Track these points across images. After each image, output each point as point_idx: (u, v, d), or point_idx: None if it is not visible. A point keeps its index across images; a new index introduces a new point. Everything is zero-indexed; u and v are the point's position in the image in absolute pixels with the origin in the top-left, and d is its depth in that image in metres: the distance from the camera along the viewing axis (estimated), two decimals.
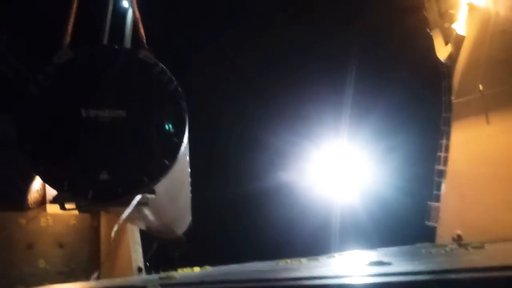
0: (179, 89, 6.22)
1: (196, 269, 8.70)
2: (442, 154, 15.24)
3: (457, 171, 14.40)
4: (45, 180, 5.86)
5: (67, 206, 6.13)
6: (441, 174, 15.09)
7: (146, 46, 6.46)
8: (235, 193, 21.70)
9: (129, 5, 14.16)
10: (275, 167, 23.11)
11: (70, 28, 6.39)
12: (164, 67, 6.22)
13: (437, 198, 14.94)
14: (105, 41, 13.54)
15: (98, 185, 5.75)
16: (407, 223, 18.04)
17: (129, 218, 9.71)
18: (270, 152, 23.36)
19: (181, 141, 6.06)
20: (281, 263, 7.35)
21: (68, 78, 6.02)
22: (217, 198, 21.11)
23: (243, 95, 23.73)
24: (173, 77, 6.25)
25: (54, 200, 5.91)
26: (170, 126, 6.09)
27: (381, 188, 20.41)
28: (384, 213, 20.82)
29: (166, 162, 5.95)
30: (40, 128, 5.82)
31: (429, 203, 15.12)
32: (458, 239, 11.48)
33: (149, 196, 6.02)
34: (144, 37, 6.60)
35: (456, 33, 14.91)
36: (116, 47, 6.70)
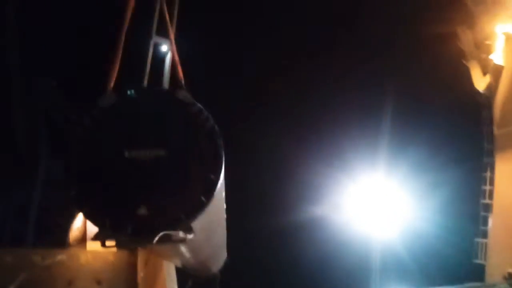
0: (216, 127, 6.40)
1: None
2: (487, 188, 14.67)
3: (505, 204, 13.73)
4: (89, 218, 6.08)
5: (107, 243, 6.29)
6: (488, 208, 14.45)
7: (184, 86, 6.76)
8: (269, 228, 21.42)
9: (168, 49, 14.90)
10: (309, 201, 22.74)
11: (114, 72, 6.80)
12: (201, 106, 6.45)
13: (485, 234, 14.23)
14: (145, 83, 14.26)
15: (136, 221, 5.90)
16: (453, 262, 17.12)
17: (165, 255, 9.80)
18: (304, 185, 23.09)
19: (217, 178, 6.16)
20: None
21: (112, 120, 6.34)
22: (251, 233, 20.92)
23: (276, 128, 23.86)
24: (210, 116, 6.45)
25: (96, 237, 6.09)
26: (207, 163, 6.24)
27: (423, 225, 19.56)
28: (428, 251, 19.85)
29: (203, 199, 6.03)
30: (85, 169, 6.11)
31: (476, 239, 14.41)
32: (510, 278, 10.77)
33: (187, 235, 6.11)
34: (182, 78, 6.91)
35: (494, 64, 14.65)
36: (156, 88, 7.06)
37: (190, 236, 6.03)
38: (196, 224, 6.14)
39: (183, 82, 6.86)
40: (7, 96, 20.82)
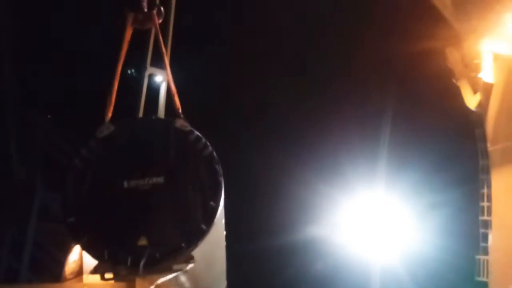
0: (214, 153, 6.43)
1: None
2: (485, 204, 14.64)
3: (503, 220, 13.71)
4: (87, 250, 6.00)
5: (106, 276, 6.18)
6: (487, 225, 14.39)
7: (181, 115, 6.82)
8: (266, 249, 21.10)
9: (163, 79, 15.05)
10: (307, 221, 22.46)
11: (111, 103, 6.86)
12: (199, 134, 6.50)
13: (485, 251, 14.12)
14: (141, 113, 14.35)
15: (136, 252, 5.83)
16: (455, 282, 16.90)
17: (165, 286, 9.61)
18: (301, 204, 22.89)
19: (217, 204, 6.14)
20: None
21: (110, 151, 6.36)
22: (247, 254, 20.55)
23: (273, 146, 23.79)
24: (208, 143, 6.49)
25: (95, 270, 5.98)
26: (207, 190, 6.23)
27: (423, 246, 19.41)
28: (429, 271, 19.63)
29: (204, 226, 5.99)
30: (83, 200, 6.09)
31: (477, 256, 14.28)
32: None
33: (189, 264, 6.02)
34: (180, 107, 6.99)
35: (484, 82, 14.86)
36: (154, 117, 7.15)
37: (191, 265, 5.95)
38: (197, 252, 6.06)
39: (180, 110, 6.93)
40: (2, 129, 20.81)
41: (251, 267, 21.92)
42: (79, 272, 11.08)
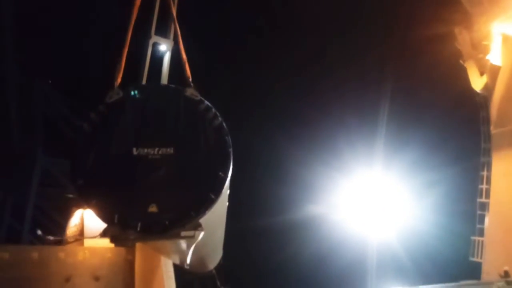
0: (224, 124, 6.45)
1: None
2: (484, 186, 14.69)
3: (501, 203, 13.77)
4: (97, 212, 6.09)
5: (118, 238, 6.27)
6: (484, 207, 14.48)
7: (191, 84, 6.76)
8: (265, 227, 21.42)
9: (167, 49, 14.81)
10: (305, 199, 22.76)
11: (121, 69, 6.80)
12: (209, 104, 6.47)
13: (481, 232, 14.27)
14: (144, 82, 14.25)
15: (146, 218, 5.96)
16: (449, 260, 17.19)
17: (165, 252, 9.80)
18: (300, 184, 23.09)
19: (226, 175, 6.22)
20: None
21: (119, 117, 6.37)
22: (247, 231, 20.90)
23: (272, 127, 23.86)
24: (217, 113, 6.49)
25: (104, 233, 6.10)
26: (216, 160, 6.28)
27: (419, 223, 19.62)
28: (424, 250, 19.93)
29: (212, 196, 6.10)
30: (92, 164, 6.14)
31: (473, 237, 14.44)
32: (505, 276, 10.78)
33: (197, 231, 6.15)
34: (190, 76, 6.91)
35: (491, 64, 14.68)
36: (164, 85, 7.11)
37: (199, 233, 6.07)
38: (201, 221, 6.16)
39: (190, 79, 6.85)
40: (3, 96, 20.75)
41: (252, 243, 22.31)
42: (80, 236, 11.29)
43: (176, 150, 6.15)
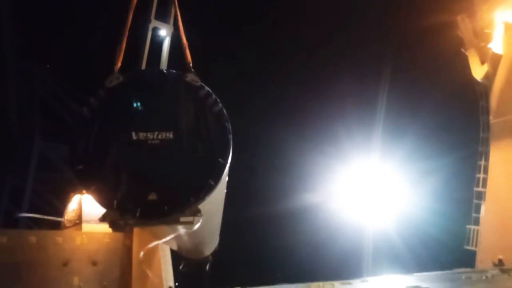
0: (224, 111, 6.39)
1: None
2: (481, 176, 14.73)
3: (497, 192, 13.84)
4: (96, 197, 6.06)
5: (117, 223, 6.29)
6: (480, 196, 14.54)
7: (192, 69, 6.67)
8: (263, 214, 21.54)
9: (167, 34, 14.67)
10: (303, 188, 22.86)
11: (121, 53, 6.70)
12: (209, 89, 6.40)
13: (477, 221, 14.36)
14: (143, 66, 14.10)
15: (146, 204, 5.93)
16: (445, 248, 17.34)
17: (162, 237, 9.82)
18: (297, 172, 23.18)
19: (226, 161, 6.18)
20: (313, 286, 7.21)
21: (119, 101, 6.30)
22: (245, 218, 21.01)
23: (270, 115, 23.84)
24: (218, 100, 6.43)
25: (103, 218, 6.08)
26: (216, 146, 6.24)
27: (416, 211, 19.73)
28: (420, 237, 20.08)
29: (211, 182, 6.06)
30: (91, 149, 6.09)
31: (468, 226, 14.54)
32: (499, 264, 10.89)
33: (195, 217, 6.15)
34: (191, 61, 6.82)
35: (493, 52, 14.58)
36: (164, 70, 6.98)
37: (199, 218, 6.08)
38: (200, 206, 6.16)
39: (191, 65, 6.76)
40: (1, 81, 20.59)
41: (249, 231, 22.47)
42: (78, 221, 11.33)
43: (176, 135, 6.09)
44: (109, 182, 5.92)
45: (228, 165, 6.23)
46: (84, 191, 7.34)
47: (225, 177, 6.92)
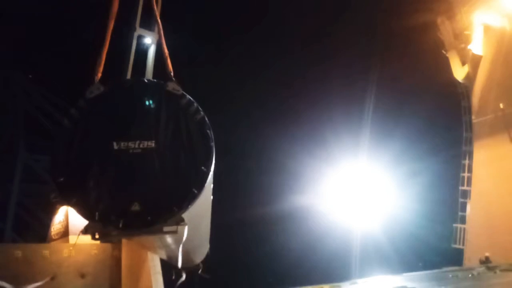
0: (206, 119, 6.38)
1: None
2: (466, 175, 14.97)
3: (482, 191, 14.07)
4: (77, 210, 5.99)
5: (96, 236, 6.22)
6: (466, 195, 14.77)
7: (173, 78, 6.68)
8: (252, 217, 21.52)
9: (152, 42, 14.65)
10: (291, 190, 22.92)
11: (101, 64, 6.68)
12: (191, 98, 6.40)
13: (463, 220, 14.57)
14: (128, 76, 14.02)
15: (128, 215, 5.86)
16: (432, 247, 17.51)
17: (151, 247, 9.75)
18: (286, 175, 23.24)
19: (208, 169, 6.15)
20: None
21: (99, 111, 6.26)
22: (232, 222, 20.95)
23: (259, 117, 23.89)
24: (199, 108, 6.42)
25: (86, 231, 6.00)
26: (198, 155, 6.22)
27: (403, 212, 19.93)
28: (407, 237, 20.27)
29: (195, 190, 6.03)
30: (72, 161, 6.01)
31: (455, 225, 14.74)
32: (486, 262, 11.07)
33: (179, 226, 6.10)
34: (172, 70, 6.83)
35: (473, 54, 14.87)
36: (145, 80, 6.94)
37: (183, 226, 6.03)
38: (184, 215, 6.12)
39: (172, 74, 6.77)
40: None
41: (238, 233, 22.39)
42: (64, 233, 11.16)
43: (158, 144, 6.07)
44: (91, 193, 5.86)
45: (211, 173, 6.23)
46: (66, 204, 7.23)
47: (209, 185, 6.91)
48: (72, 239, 10.38)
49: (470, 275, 7.13)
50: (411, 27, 16.73)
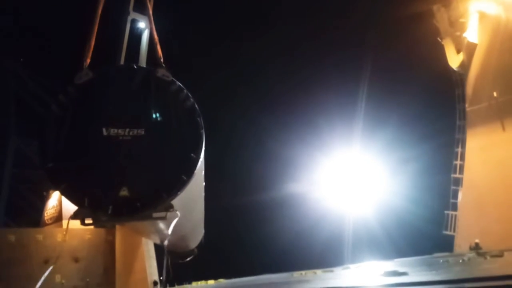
0: (196, 106, 6.37)
1: (210, 282, 8.67)
2: (458, 162, 15.05)
3: (474, 178, 14.18)
4: (66, 196, 5.99)
5: (86, 221, 6.25)
6: (458, 182, 14.88)
7: (163, 65, 6.62)
8: (247, 204, 21.66)
9: (145, 26, 14.47)
10: (286, 178, 23.04)
11: (90, 49, 6.60)
12: (181, 84, 6.36)
13: (454, 207, 14.71)
14: (122, 61, 13.85)
15: (118, 201, 5.89)
16: (424, 234, 17.72)
17: (144, 233, 9.78)
18: (281, 162, 23.33)
19: (198, 156, 6.17)
20: (296, 274, 7.30)
21: (88, 98, 6.22)
22: (228, 209, 21.08)
23: (254, 106, 23.85)
24: (189, 94, 6.40)
25: (75, 216, 6.03)
26: (188, 142, 6.22)
27: (395, 199, 20.12)
28: (399, 224, 20.51)
29: (184, 177, 6.06)
30: (61, 146, 5.99)
31: (446, 212, 14.88)
32: (476, 248, 11.24)
33: (168, 212, 6.13)
34: (162, 56, 6.77)
35: (468, 41, 14.84)
36: (135, 66, 6.88)
37: (172, 212, 6.07)
38: (176, 201, 6.15)
39: (162, 60, 6.71)
40: None
41: (234, 220, 22.54)
42: (58, 218, 11.17)
43: (147, 131, 6.06)
44: (80, 179, 5.88)
45: (202, 159, 6.24)
46: (55, 189, 7.24)
47: (201, 171, 6.92)
48: (65, 223, 10.42)
49: (460, 261, 7.24)
50: (406, 15, 16.63)
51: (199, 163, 6.19)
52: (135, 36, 14.58)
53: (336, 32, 23.34)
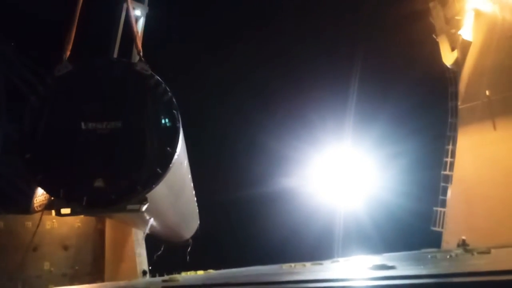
0: (173, 99, 6.43)
1: (200, 273, 8.70)
2: (448, 160, 15.16)
3: (463, 176, 14.31)
4: (42, 187, 6.06)
5: (63, 211, 6.29)
6: (447, 179, 15.01)
7: (142, 58, 6.67)
8: (239, 198, 21.72)
9: (141, 14, 14.32)
10: (278, 172, 23.13)
11: (70, 42, 6.60)
12: (159, 78, 6.41)
13: (443, 204, 14.85)
14: (116, 49, 13.72)
15: (92, 192, 5.97)
16: (412, 229, 17.91)
17: (132, 223, 9.77)
18: (273, 157, 23.39)
19: (174, 150, 6.23)
20: (285, 267, 7.34)
21: (67, 89, 6.27)
22: (221, 203, 21.12)
23: (246, 101, 23.83)
24: (167, 88, 6.46)
25: (50, 206, 6.14)
26: (164, 135, 6.30)
27: (385, 194, 20.29)
28: (389, 219, 20.71)
29: (159, 170, 6.12)
30: (40, 137, 6.03)
31: (435, 208, 15.02)
32: (463, 244, 11.38)
33: (142, 205, 6.19)
34: (141, 50, 6.81)
35: (463, 39, 14.87)
36: (113, 59, 6.94)
37: (144, 207, 6.13)
38: (157, 193, 6.20)
39: (141, 53, 6.75)
40: None
41: (227, 215, 22.62)
42: (48, 205, 11.08)
43: (124, 125, 6.12)
44: (56, 171, 5.94)
45: (177, 153, 6.30)
46: (32, 181, 7.27)
47: (181, 164, 6.98)
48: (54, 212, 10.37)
49: (448, 256, 7.32)
50: (401, 11, 16.62)
51: (176, 156, 6.24)
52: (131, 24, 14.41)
53: (328, 28, 23.33)
